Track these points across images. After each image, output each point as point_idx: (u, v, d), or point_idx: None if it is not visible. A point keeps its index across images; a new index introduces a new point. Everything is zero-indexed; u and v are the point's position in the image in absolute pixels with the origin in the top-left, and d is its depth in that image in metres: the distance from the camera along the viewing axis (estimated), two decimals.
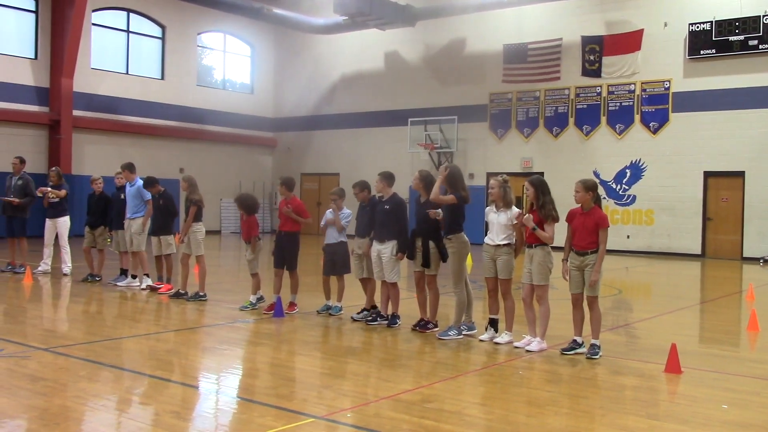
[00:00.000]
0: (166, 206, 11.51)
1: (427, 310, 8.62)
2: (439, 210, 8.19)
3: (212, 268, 15.11)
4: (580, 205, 7.46)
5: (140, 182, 12.03)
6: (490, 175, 23.72)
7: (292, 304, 9.75)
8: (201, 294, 10.68)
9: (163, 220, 11.50)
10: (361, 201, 9.25)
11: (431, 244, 8.30)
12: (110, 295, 11.18)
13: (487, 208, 8.14)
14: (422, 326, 8.51)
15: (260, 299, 10.08)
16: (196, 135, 28.36)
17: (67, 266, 13.33)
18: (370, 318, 9.03)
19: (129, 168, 12.22)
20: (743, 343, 8.77)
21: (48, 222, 13.33)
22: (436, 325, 8.54)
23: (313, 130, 30.28)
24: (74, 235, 15.07)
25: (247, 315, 9.52)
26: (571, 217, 7.52)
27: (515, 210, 7.88)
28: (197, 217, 10.85)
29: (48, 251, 13.47)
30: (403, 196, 9.04)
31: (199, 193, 10.89)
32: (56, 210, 13.26)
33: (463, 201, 8.12)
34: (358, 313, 9.29)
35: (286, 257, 9.73)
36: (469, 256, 8.44)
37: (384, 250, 8.73)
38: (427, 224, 8.32)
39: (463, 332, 8.17)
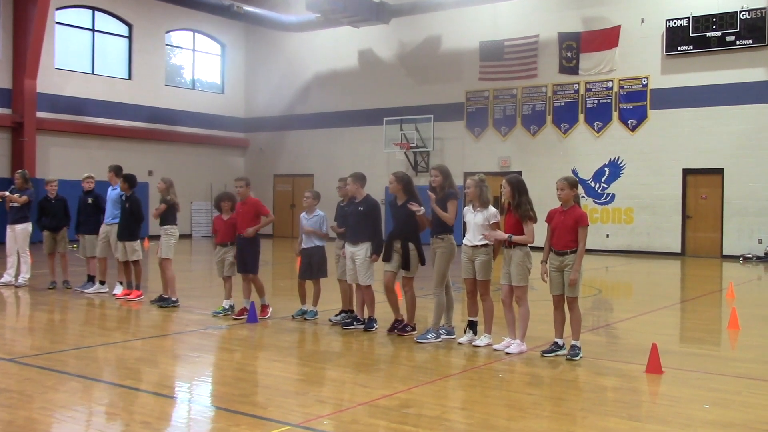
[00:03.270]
0: (131, 210, 11.35)
1: (401, 313, 8.64)
2: (422, 208, 8.23)
3: (183, 273, 14.99)
4: (560, 204, 7.50)
5: None
6: (467, 174, 23.78)
7: (264, 308, 9.69)
8: (173, 300, 10.59)
9: (129, 224, 11.35)
10: (342, 197, 9.28)
11: (411, 245, 8.32)
12: (78, 303, 11.04)
13: (465, 208, 8.18)
14: (401, 329, 8.51)
15: (232, 307, 10.00)
16: (165, 136, 28.14)
17: (23, 277, 12.68)
18: (347, 321, 9.02)
19: (117, 171, 11.93)
20: (724, 342, 8.87)
21: (8, 229, 12.75)
22: (414, 328, 8.53)
23: (286, 131, 30.18)
24: (38, 240, 14.82)
25: (220, 321, 9.46)
26: (550, 217, 7.56)
27: (492, 210, 7.91)
28: (172, 220, 10.79)
29: (11, 260, 12.80)
30: (380, 197, 9.05)
31: (175, 195, 10.81)
32: (15, 216, 12.65)
33: (458, 198, 8.20)
34: (336, 315, 9.29)
35: (247, 261, 9.67)
36: None
37: (358, 252, 8.70)
38: (407, 226, 8.33)
39: (442, 336, 8.19)
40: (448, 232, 8.19)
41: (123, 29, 27.36)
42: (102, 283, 12.12)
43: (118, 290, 11.61)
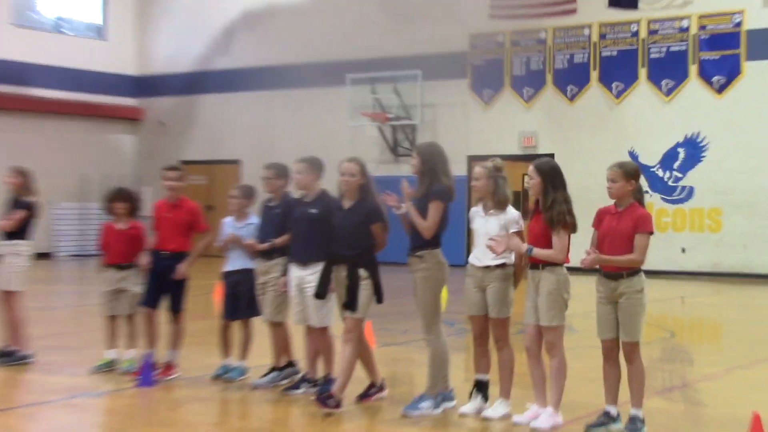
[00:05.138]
0: None
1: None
2: (403, 206, 8.13)
3: (41, 312, 14.79)
4: (612, 203, 7.48)
5: None
6: (473, 160, 23.78)
7: (169, 366, 9.60)
8: (22, 354, 10.45)
9: None
10: (270, 194, 9.28)
11: (362, 273, 8.20)
12: None
13: (472, 209, 8.14)
14: (364, 394, 8.48)
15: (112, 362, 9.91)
16: (14, 103, 27.94)
17: None
18: (290, 384, 8.98)
19: None
20: None
21: None
22: (382, 387, 8.44)
23: (199, 95, 30.07)
24: None
25: (102, 383, 9.35)
26: (598, 220, 7.52)
27: (512, 213, 7.87)
28: (24, 233, 10.65)
29: None
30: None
31: (37, 194, 10.72)
32: None
33: (449, 198, 8.11)
34: (263, 376, 9.23)
35: (171, 291, 9.62)
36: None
37: (309, 278, 8.65)
38: (358, 241, 8.24)
39: (443, 405, 8.13)
40: (430, 246, 8.09)
41: None
42: None
43: None
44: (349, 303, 8.18)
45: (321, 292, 8.37)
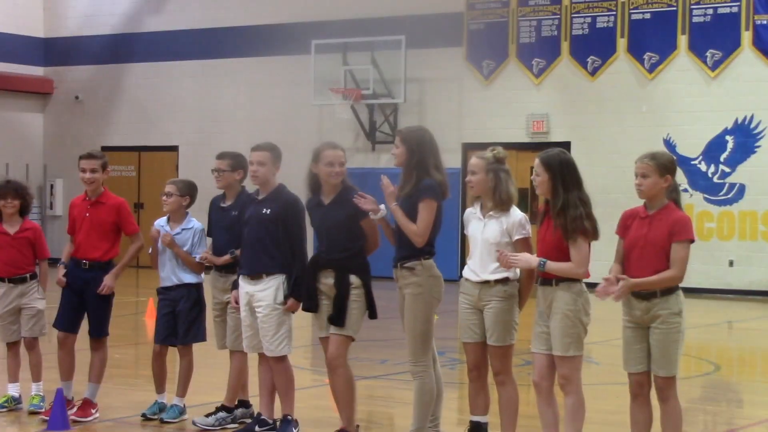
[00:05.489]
0: None
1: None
2: (382, 207, 8.15)
3: None
4: (642, 203, 7.53)
5: None
6: (469, 148, 23.82)
7: (88, 404, 9.60)
8: None
9: None
10: (223, 188, 9.33)
11: (353, 280, 8.29)
12: None
13: (467, 210, 8.18)
14: None
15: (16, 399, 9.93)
16: None
17: None
18: (241, 427, 9.02)
19: None
20: None
21: None
22: None
23: (124, 63, 30.00)
24: None
25: (1, 426, 9.33)
26: (624, 226, 7.52)
27: (517, 215, 7.90)
28: None
29: None
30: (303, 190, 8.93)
31: None
32: None
33: (441, 195, 8.13)
34: (208, 415, 9.24)
35: (90, 311, 9.60)
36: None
37: (261, 294, 8.66)
38: (347, 242, 8.32)
39: None
40: (423, 255, 8.11)
41: None
42: None
43: None
44: (336, 317, 8.19)
45: (311, 305, 8.39)
